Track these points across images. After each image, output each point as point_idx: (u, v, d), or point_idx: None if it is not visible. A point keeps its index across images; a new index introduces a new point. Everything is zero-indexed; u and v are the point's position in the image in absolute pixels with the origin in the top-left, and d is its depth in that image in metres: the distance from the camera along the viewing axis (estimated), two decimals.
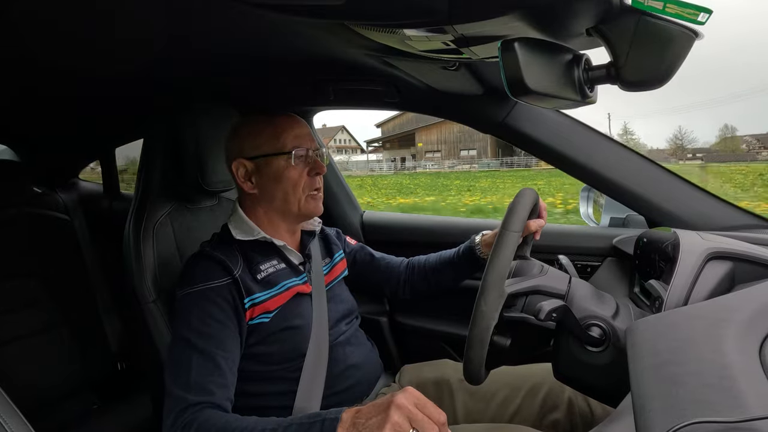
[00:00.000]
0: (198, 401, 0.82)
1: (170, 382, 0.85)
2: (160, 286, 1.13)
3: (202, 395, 0.82)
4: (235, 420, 0.80)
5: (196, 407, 0.81)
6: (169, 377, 0.86)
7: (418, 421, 0.65)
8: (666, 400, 0.48)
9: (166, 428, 0.81)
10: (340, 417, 0.70)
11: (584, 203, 1.53)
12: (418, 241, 1.62)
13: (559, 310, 0.80)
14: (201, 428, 0.78)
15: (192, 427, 0.78)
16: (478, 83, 1.15)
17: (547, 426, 1.06)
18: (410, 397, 0.67)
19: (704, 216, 1.14)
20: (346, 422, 0.69)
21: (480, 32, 0.71)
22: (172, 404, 0.83)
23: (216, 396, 0.84)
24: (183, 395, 0.82)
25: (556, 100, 0.69)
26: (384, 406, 0.67)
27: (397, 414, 0.65)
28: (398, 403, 0.66)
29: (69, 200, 1.91)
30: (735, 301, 0.68)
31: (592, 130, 1.23)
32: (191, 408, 0.81)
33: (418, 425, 0.65)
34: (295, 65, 1.13)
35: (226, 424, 0.78)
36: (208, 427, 0.78)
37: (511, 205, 0.90)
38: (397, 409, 0.66)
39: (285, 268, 1.04)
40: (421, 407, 0.67)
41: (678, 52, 0.64)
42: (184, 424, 0.79)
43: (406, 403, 0.66)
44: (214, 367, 0.86)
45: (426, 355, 1.33)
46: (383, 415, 0.66)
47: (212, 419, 0.79)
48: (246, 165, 1.02)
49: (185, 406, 0.81)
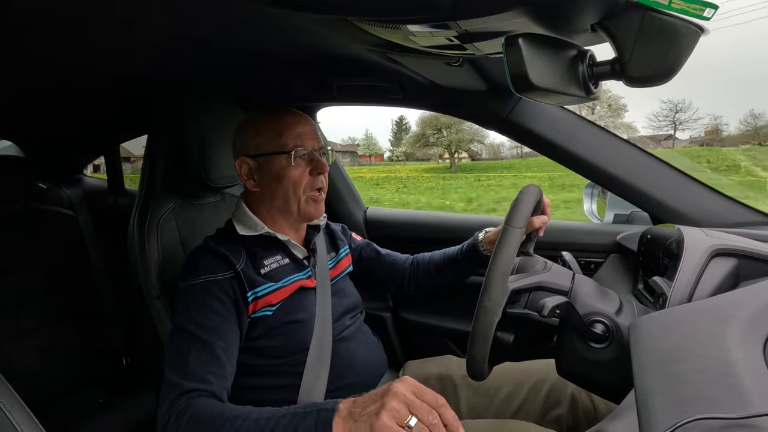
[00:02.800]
0: (194, 388, 0.82)
1: (168, 370, 0.86)
2: (164, 281, 1.13)
3: (198, 382, 0.82)
4: (230, 408, 0.79)
5: (192, 394, 0.81)
6: (167, 365, 0.87)
7: (416, 407, 0.63)
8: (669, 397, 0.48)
9: (162, 414, 0.81)
10: (336, 407, 0.68)
11: (588, 200, 1.53)
12: (422, 237, 1.62)
13: (562, 306, 0.80)
14: (195, 414, 0.77)
15: (186, 413, 0.78)
16: (481, 79, 1.14)
17: (550, 422, 1.06)
18: (407, 385, 0.66)
19: (709, 213, 1.14)
20: (342, 412, 0.68)
21: (484, 28, 0.71)
22: (168, 391, 0.83)
23: (212, 384, 0.83)
24: (179, 382, 0.82)
25: (560, 96, 0.68)
26: (381, 395, 0.66)
27: (394, 401, 0.63)
28: (395, 391, 0.65)
29: (74, 196, 1.92)
30: (739, 298, 0.68)
31: (596, 126, 1.22)
32: (186, 395, 0.81)
33: (417, 411, 0.63)
34: (298, 61, 1.13)
35: (221, 411, 0.77)
36: (203, 413, 0.77)
37: (515, 201, 0.90)
38: (394, 396, 0.64)
39: (289, 263, 1.04)
40: (419, 394, 0.65)
41: (683, 48, 0.63)
42: (179, 410, 0.79)
43: (403, 390, 0.65)
44: (212, 357, 0.86)
45: (429, 351, 1.33)
46: (380, 402, 0.64)
47: (207, 406, 0.79)
48: (249, 163, 1.03)
49: (180, 392, 0.81)
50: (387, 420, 0.61)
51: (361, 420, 0.64)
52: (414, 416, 0.63)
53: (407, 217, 1.74)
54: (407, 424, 0.62)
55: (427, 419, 0.63)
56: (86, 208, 1.94)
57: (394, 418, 0.62)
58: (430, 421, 0.63)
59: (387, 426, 0.61)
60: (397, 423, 0.62)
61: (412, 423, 0.62)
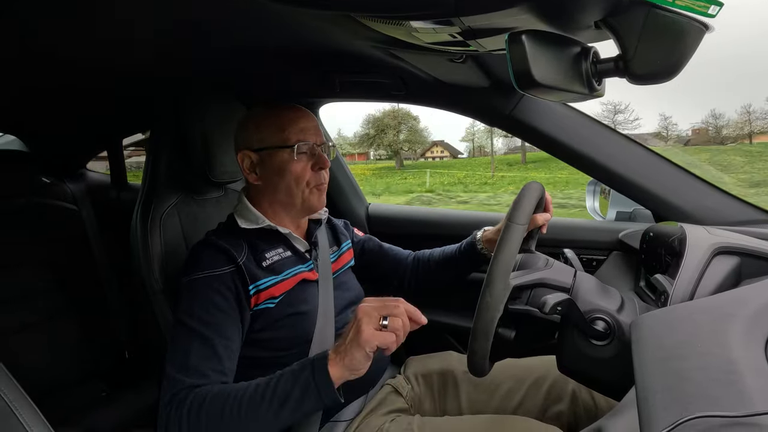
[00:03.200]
0: (194, 384, 0.83)
1: (169, 365, 0.87)
2: (167, 276, 1.14)
3: (198, 378, 0.84)
4: (229, 385, 0.84)
5: (192, 389, 0.83)
6: (168, 361, 0.88)
7: (383, 308, 0.76)
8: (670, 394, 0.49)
9: (163, 407, 0.83)
10: (327, 353, 0.79)
11: (591, 197, 1.52)
12: (423, 233, 1.62)
13: (564, 303, 0.80)
14: (196, 400, 0.80)
15: (186, 401, 0.81)
16: (485, 76, 1.14)
17: (550, 418, 1.06)
18: (367, 301, 0.79)
19: (711, 210, 1.14)
20: (332, 355, 0.78)
21: (487, 24, 0.71)
22: (168, 386, 0.84)
23: (211, 379, 0.85)
24: (180, 378, 0.84)
25: (563, 93, 0.68)
26: (352, 324, 0.77)
27: (363, 315, 0.76)
28: (360, 309, 0.77)
29: (77, 190, 1.92)
30: (741, 296, 0.68)
31: (600, 123, 1.22)
32: (185, 390, 0.82)
33: (384, 311, 0.76)
34: (300, 57, 1.13)
35: (220, 390, 0.82)
36: (204, 397, 0.81)
37: (517, 198, 0.90)
38: (361, 312, 0.77)
39: (291, 255, 1.05)
40: (379, 301, 0.78)
41: (688, 45, 0.63)
42: (179, 401, 0.81)
43: (365, 305, 0.78)
44: (212, 353, 0.87)
45: (431, 347, 1.33)
46: (355, 325, 0.76)
47: (207, 391, 0.82)
48: (251, 156, 1.03)
49: (181, 387, 0.83)
50: (366, 331, 0.74)
51: (349, 348, 0.76)
52: (384, 316, 0.76)
53: (409, 213, 1.74)
54: (382, 324, 0.75)
55: (397, 311, 0.76)
56: (89, 202, 1.94)
57: (371, 325, 0.75)
58: (399, 312, 0.76)
59: (369, 334, 0.74)
60: (375, 328, 0.75)
61: (386, 322, 0.76)
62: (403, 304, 0.78)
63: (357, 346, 0.75)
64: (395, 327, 0.75)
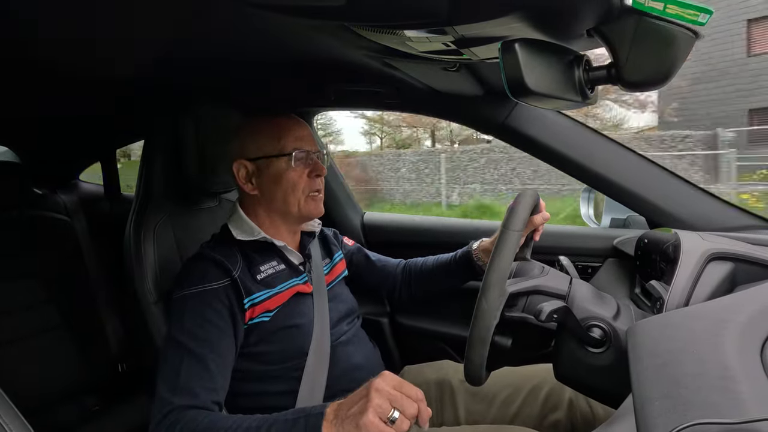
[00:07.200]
0: (183, 404, 0.81)
1: (159, 384, 0.85)
2: (160, 287, 1.13)
3: (187, 398, 0.82)
4: (219, 418, 0.80)
5: (181, 410, 0.81)
6: (158, 379, 0.86)
7: (398, 400, 0.68)
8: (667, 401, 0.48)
9: (152, 428, 0.81)
10: (324, 412, 0.72)
11: (585, 204, 1.53)
12: (419, 242, 1.62)
13: (560, 310, 0.79)
14: (185, 428, 0.78)
15: (176, 427, 0.78)
16: (478, 84, 1.15)
17: (548, 427, 1.06)
18: (388, 380, 0.70)
19: (705, 217, 1.14)
20: (329, 416, 0.71)
21: (480, 33, 0.71)
22: (158, 406, 0.83)
23: (200, 398, 0.83)
24: (169, 398, 0.82)
25: (556, 100, 0.69)
26: (363, 393, 0.69)
27: (377, 397, 0.67)
28: (377, 387, 0.68)
29: (70, 202, 1.91)
30: (736, 302, 0.68)
31: (593, 130, 1.23)
32: (175, 411, 0.80)
33: (398, 404, 0.67)
34: (295, 66, 1.13)
35: (210, 423, 0.78)
36: (193, 426, 0.78)
37: (512, 205, 0.90)
38: (376, 392, 0.68)
39: (285, 268, 1.04)
40: (399, 387, 0.69)
41: (678, 53, 0.64)
42: (168, 424, 0.79)
43: (384, 385, 0.69)
44: (203, 370, 0.86)
45: (427, 356, 1.33)
46: (364, 400, 0.68)
47: (197, 419, 0.79)
48: (247, 166, 1.03)
49: (170, 409, 0.81)
50: (372, 417, 0.66)
51: (347, 420, 0.68)
52: (396, 410, 0.67)
53: (404, 221, 1.74)
54: (390, 418, 0.67)
55: (409, 412, 0.68)
56: (82, 213, 1.93)
57: (378, 414, 0.66)
58: (411, 413, 0.68)
59: (372, 422, 0.65)
60: (381, 418, 0.66)
61: (396, 416, 0.67)
62: (420, 403, 0.70)
63: (355, 425, 0.67)
64: (401, 429, 0.67)
